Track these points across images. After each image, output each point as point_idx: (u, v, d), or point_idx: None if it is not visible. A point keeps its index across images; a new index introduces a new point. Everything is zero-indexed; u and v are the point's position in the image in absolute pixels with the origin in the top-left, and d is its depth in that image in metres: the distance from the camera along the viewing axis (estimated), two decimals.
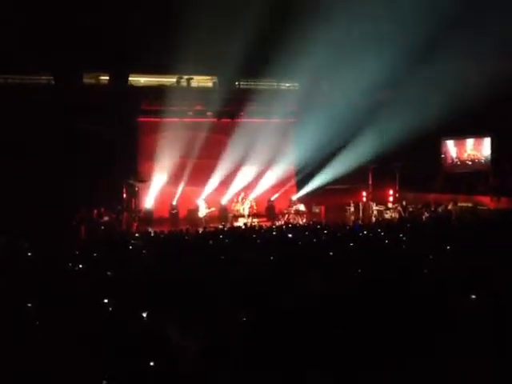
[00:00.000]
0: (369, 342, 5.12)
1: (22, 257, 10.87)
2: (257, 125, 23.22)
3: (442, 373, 4.62)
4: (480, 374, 4.64)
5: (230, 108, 22.90)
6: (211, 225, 19.87)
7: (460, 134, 23.84)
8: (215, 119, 22.86)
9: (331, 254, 10.35)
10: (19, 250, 11.60)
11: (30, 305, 6.40)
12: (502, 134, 21.30)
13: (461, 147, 24.11)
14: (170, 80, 22.08)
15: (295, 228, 16.98)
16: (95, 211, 18.91)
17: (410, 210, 21.38)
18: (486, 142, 23.25)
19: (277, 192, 24.29)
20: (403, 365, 4.74)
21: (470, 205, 20.50)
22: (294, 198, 23.70)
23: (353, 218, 22.11)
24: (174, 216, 22.22)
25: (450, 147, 24.40)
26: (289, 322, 5.57)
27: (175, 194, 22.88)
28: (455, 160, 24.25)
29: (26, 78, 20.23)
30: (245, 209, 21.90)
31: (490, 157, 23.03)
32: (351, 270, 8.43)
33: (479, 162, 23.47)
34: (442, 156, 24.43)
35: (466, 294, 6.41)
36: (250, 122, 23.39)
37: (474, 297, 6.36)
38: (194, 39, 17.29)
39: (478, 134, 23.37)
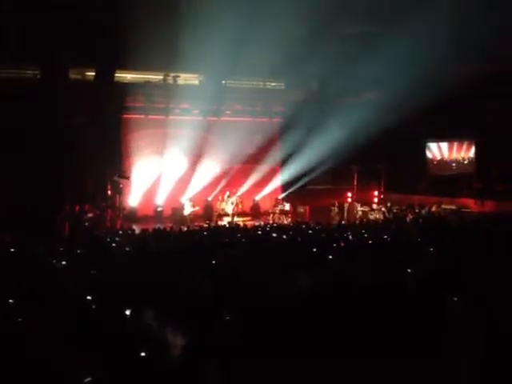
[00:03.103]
0: (350, 343, 5.14)
1: (4, 252, 10.78)
2: (243, 124, 23.22)
3: (426, 373, 4.64)
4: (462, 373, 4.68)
5: (216, 106, 22.90)
6: (196, 223, 19.85)
7: (445, 137, 23.98)
8: (201, 117, 22.84)
9: (315, 253, 10.40)
10: (1, 245, 11.51)
11: (11, 301, 6.35)
12: (487, 137, 21.45)
13: (445, 150, 24.25)
14: (156, 77, 22.01)
15: (280, 228, 17.01)
16: (79, 208, 18.78)
17: (395, 211, 21.48)
18: (471, 145, 23.42)
19: (262, 191, 24.33)
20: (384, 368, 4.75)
21: (453, 207, 20.65)
22: (280, 197, 23.73)
23: (337, 218, 22.17)
24: (158, 214, 22.16)
25: (435, 149, 24.54)
26: (273, 320, 5.58)
27: (160, 192, 22.82)
28: (440, 162, 24.39)
29: (11, 72, 20.05)
30: (229, 208, 21.87)
31: (474, 160, 23.19)
32: (335, 270, 8.48)
33: (464, 165, 23.63)
34: (427, 158, 24.55)
35: (448, 296, 6.46)
36: (235, 120, 23.41)
37: (456, 299, 6.41)
38: (181, 36, 17.27)
39: (463, 136, 23.52)
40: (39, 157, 18.65)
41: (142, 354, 4.71)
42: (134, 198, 22.62)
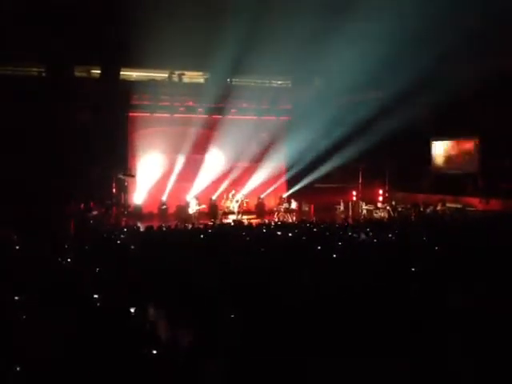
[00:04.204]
0: (352, 343, 5.15)
1: (10, 250, 10.80)
2: (248, 122, 23.21)
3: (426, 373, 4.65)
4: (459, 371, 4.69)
5: (222, 104, 22.88)
6: (201, 221, 19.87)
7: (449, 135, 23.90)
8: (206, 115, 22.84)
9: (320, 252, 10.41)
10: (7, 243, 11.53)
11: (17, 298, 6.38)
12: (492, 135, 21.36)
13: (450, 148, 24.17)
14: (161, 75, 22.03)
15: (285, 226, 16.99)
16: (84, 205, 18.83)
17: (400, 210, 21.45)
18: (476, 143, 23.32)
19: (267, 189, 24.32)
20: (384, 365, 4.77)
21: (458, 206, 20.60)
22: (284, 195, 23.72)
23: (342, 216, 22.14)
24: (163, 212, 22.18)
25: (440, 148, 24.46)
26: (275, 318, 5.59)
27: (165, 189, 22.84)
28: (444, 161, 24.29)
29: (17, 70, 20.11)
30: (235, 206, 21.89)
31: (478, 158, 23.09)
32: (339, 269, 8.48)
33: (468, 163, 23.53)
34: (432, 157, 24.48)
35: (452, 294, 6.46)
36: (241, 118, 23.39)
37: (459, 297, 6.41)
38: (187, 34, 17.26)
39: (468, 134, 23.43)
40: (44, 153, 18.72)
41: (146, 352, 4.73)
42: (138, 196, 22.68)
